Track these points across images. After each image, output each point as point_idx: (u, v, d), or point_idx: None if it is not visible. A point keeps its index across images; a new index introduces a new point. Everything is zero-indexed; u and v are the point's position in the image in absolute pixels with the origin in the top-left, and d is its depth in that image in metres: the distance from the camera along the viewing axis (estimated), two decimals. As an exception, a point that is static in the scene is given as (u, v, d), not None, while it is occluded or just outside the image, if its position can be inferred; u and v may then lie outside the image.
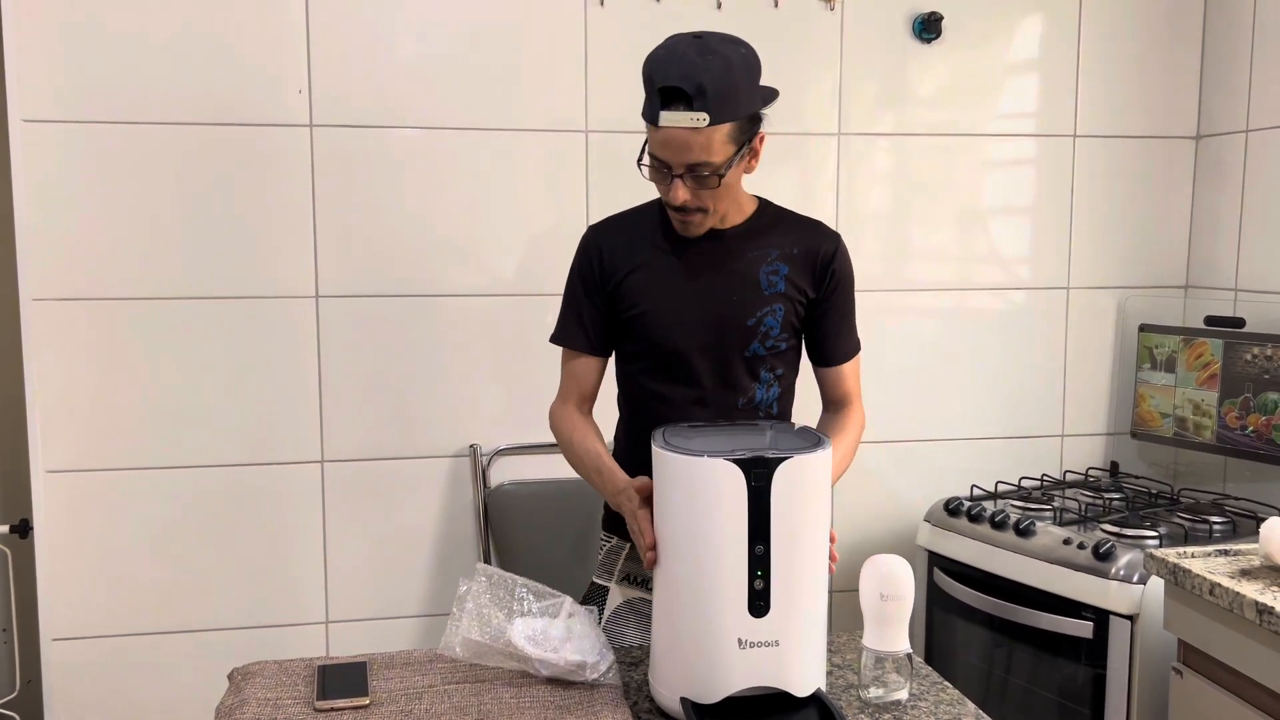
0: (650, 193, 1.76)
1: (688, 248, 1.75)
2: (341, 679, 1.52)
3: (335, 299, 2.50)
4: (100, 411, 2.43)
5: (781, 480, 1.34)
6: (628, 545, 1.85)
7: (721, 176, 1.63)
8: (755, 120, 1.64)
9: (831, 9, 2.64)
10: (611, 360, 1.84)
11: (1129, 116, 2.83)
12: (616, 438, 1.90)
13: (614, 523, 1.88)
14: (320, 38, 2.43)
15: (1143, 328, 2.83)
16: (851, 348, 1.86)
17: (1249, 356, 2.58)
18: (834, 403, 1.86)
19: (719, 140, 1.59)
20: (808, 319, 1.80)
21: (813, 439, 1.44)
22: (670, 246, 1.76)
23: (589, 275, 1.79)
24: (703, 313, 1.74)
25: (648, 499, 1.51)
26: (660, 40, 1.62)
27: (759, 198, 1.81)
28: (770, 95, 1.65)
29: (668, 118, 1.56)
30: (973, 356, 2.83)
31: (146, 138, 2.39)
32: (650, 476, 1.57)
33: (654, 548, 1.46)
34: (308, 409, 2.52)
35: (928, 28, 2.68)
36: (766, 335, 1.75)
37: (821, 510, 1.40)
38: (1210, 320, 2.70)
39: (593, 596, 1.91)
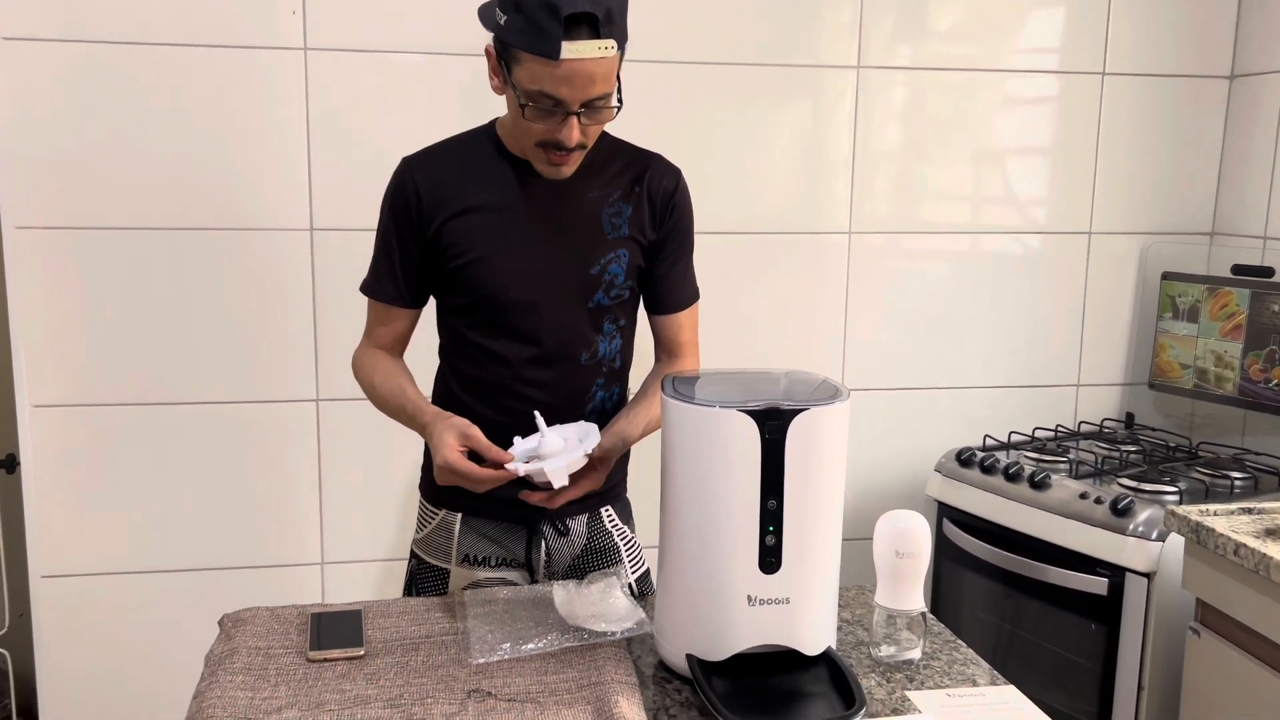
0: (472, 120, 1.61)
1: (523, 187, 1.56)
2: (335, 628, 1.48)
3: (331, 232, 2.41)
4: (89, 345, 2.36)
5: (797, 432, 1.28)
6: (458, 518, 1.70)
7: (618, 107, 1.46)
8: None
9: (853, -66, 2.52)
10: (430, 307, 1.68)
11: (1160, 53, 2.71)
12: (435, 396, 1.74)
13: (437, 491, 1.71)
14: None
15: (1165, 275, 2.74)
16: (691, 294, 1.70)
17: (1277, 307, 2.49)
18: (670, 352, 1.71)
19: (615, 66, 1.42)
20: (648, 262, 1.64)
21: (830, 389, 1.37)
22: (503, 184, 1.56)
23: (404, 216, 1.58)
24: (542, 261, 1.56)
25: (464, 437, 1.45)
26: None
27: None
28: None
29: (574, 49, 1.36)
30: (987, 302, 2.75)
31: (131, 58, 2.28)
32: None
33: (487, 481, 1.43)
34: (303, 345, 2.44)
35: (953, -44, 2.56)
36: (611, 284, 1.60)
37: (837, 464, 1.33)
38: (1237, 269, 2.62)
39: (425, 578, 1.73)
